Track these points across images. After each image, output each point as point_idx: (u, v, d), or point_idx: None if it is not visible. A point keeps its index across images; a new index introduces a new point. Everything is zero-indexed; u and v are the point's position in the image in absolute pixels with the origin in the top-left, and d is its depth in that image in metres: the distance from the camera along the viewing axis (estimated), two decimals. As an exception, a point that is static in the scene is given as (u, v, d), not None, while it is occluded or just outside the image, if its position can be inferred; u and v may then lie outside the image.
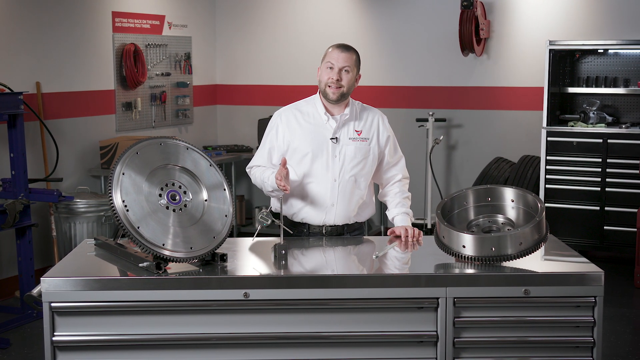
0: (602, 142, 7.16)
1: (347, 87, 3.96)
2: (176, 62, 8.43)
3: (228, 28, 9.07)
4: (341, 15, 8.59)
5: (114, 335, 3.23)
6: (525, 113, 7.99)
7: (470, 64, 8.12)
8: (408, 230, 3.91)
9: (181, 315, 3.24)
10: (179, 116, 8.50)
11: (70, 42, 7.09)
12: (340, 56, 3.95)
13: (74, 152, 7.17)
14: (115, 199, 3.22)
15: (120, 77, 7.64)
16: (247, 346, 3.26)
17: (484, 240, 3.38)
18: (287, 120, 4.07)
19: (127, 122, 7.79)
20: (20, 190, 5.86)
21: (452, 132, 8.30)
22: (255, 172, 4.10)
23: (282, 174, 3.79)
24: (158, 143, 3.42)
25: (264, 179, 3.99)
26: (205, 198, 3.42)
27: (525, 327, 3.31)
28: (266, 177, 3.98)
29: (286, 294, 3.24)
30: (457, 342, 3.28)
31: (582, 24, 7.71)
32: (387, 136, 4.12)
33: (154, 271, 3.22)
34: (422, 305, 3.27)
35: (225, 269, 3.34)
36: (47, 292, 3.18)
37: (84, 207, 6.56)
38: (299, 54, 8.80)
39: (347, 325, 3.27)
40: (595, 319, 3.27)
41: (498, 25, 8.01)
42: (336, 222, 4.04)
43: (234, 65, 9.13)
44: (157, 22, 8.12)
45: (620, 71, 7.55)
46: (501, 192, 3.63)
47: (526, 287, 3.24)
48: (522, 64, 7.96)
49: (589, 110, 7.41)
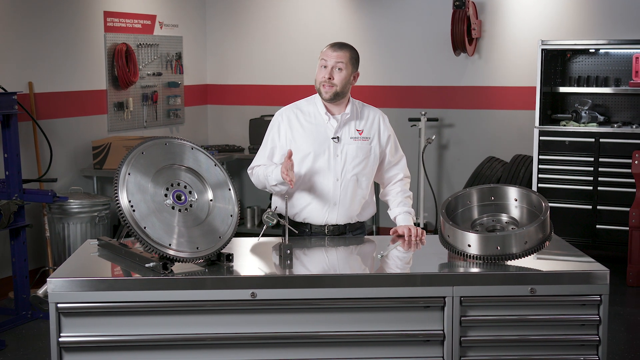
0: (594, 142, 7.19)
1: (340, 85, 3.94)
2: (167, 62, 8.40)
3: (218, 27, 9.05)
4: (333, 15, 8.59)
5: (120, 335, 3.22)
6: (516, 112, 8.02)
7: (462, 64, 8.14)
8: (411, 230, 3.92)
9: (188, 316, 3.23)
10: (171, 116, 8.48)
11: (63, 42, 7.06)
12: (333, 54, 3.93)
13: (66, 152, 7.13)
14: (121, 199, 3.21)
15: (112, 77, 7.61)
16: (255, 346, 3.26)
17: (489, 240, 3.39)
18: (288, 120, 4.06)
19: (119, 122, 7.75)
20: (15, 190, 5.82)
21: (444, 131, 8.32)
22: (257, 171, 4.08)
23: (287, 166, 3.78)
24: (163, 143, 3.41)
25: (268, 174, 3.97)
26: (211, 198, 3.41)
27: (531, 326, 3.32)
28: (270, 171, 3.96)
29: (293, 293, 3.23)
30: (464, 341, 3.29)
31: (573, 24, 7.75)
32: (388, 135, 4.12)
33: (161, 271, 3.21)
34: (429, 305, 3.28)
35: (231, 269, 3.33)
36: (54, 292, 3.16)
37: (78, 208, 6.54)
38: (290, 53, 8.80)
39: (354, 325, 3.28)
40: (601, 317, 3.29)
41: (489, 25, 8.04)
42: (338, 221, 4.04)
43: (225, 65, 9.11)
44: (148, 22, 8.10)
45: (611, 71, 7.60)
46: (505, 192, 3.64)
47: (532, 285, 3.26)
48: (513, 63, 7.99)
49: (580, 110, 7.45)
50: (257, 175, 4.08)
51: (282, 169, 3.81)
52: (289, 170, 3.78)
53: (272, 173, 3.94)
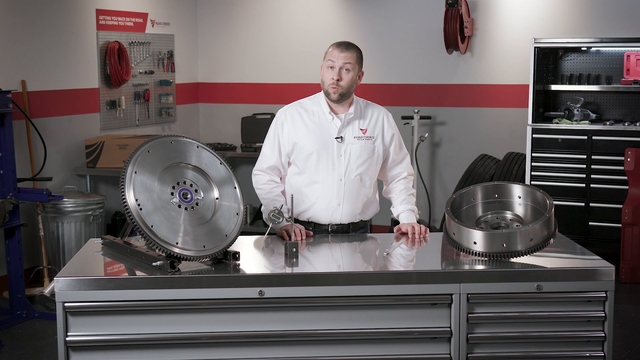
0: (587, 139, 7.23)
1: (347, 86, 3.93)
2: (159, 60, 8.37)
3: (210, 25, 9.03)
4: (325, 13, 8.59)
5: (127, 334, 3.22)
6: (509, 110, 8.05)
7: (455, 62, 8.16)
8: (415, 228, 3.92)
9: (195, 314, 3.23)
10: (162, 114, 8.45)
11: (55, 40, 7.02)
12: (340, 55, 3.93)
13: (59, 150, 7.09)
14: (128, 198, 3.20)
15: (104, 75, 7.58)
16: (264, 344, 3.26)
17: (494, 237, 3.41)
18: (292, 118, 4.04)
19: (112, 120, 7.72)
20: (9, 189, 5.79)
21: (437, 129, 8.34)
22: (263, 187, 4.08)
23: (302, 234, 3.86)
24: (169, 141, 3.40)
25: (269, 205, 4.01)
26: (217, 196, 3.40)
27: (537, 323, 3.35)
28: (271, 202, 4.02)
29: (301, 291, 3.24)
30: (471, 338, 3.30)
31: (564, 23, 7.78)
32: (392, 134, 4.12)
33: (168, 270, 3.20)
34: (436, 302, 3.29)
35: (238, 268, 3.33)
36: (60, 292, 3.15)
37: (72, 207, 6.51)
38: (281, 51, 8.79)
39: (362, 323, 3.29)
40: (607, 314, 3.32)
41: (481, 23, 8.06)
42: (342, 220, 4.04)
43: (217, 63, 9.08)
44: (140, 20, 8.06)
45: (603, 69, 7.64)
46: (509, 189, 3.66)
47: (539, 282, 3.28)
48: (505, 61, 8.01)
49: (573, 108, 7.49)
50: (261, 189, 4.09)
51: (297, 230, 3.83)
52: (299, 234, 3.84)
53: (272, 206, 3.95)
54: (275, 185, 4.08)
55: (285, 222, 3.77)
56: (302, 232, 3.86)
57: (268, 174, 4.09)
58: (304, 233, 3.86)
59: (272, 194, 4.04)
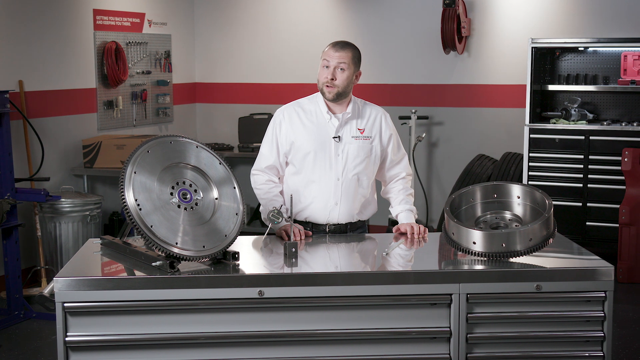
0: (584, 139, 7.24)
1: (342, 86, 3.93)
2: (156, 60, 8.37)
3: (207, 25, 9.02)
4: (322, 13, 8.59)
5: (127, 334, 3.21)
6: (506, 110, 8.06)
7: (452, 62, 8.17)
8: (414, 228, 3.93)
9: (195, 314, 3.22)
10: (160, 114, 8.44)
11: (52, 40, 7.01)
12: (335, 54, 3.92)
13: (56, 151, 7.08)
14: (127, 198, 3.20)
15: (101, 76, 7.57)
16: (263, 344, 3.26)
17: (494, 237, 3.41)
18: (289, 118, 4.04)
19: (109, 120, 7.71)
20: (7, 189, 5.78)
21: (434, 129, 8.35)
22: (261, 187, 4.08)
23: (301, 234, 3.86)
24: (168, 141, 3.39)
25: (267, 205, 4.02)
26: (216, 196, 3.40)
27: (536, 322, 3.35)
28: (270, 202, 4.02)
29: (300, 291, 3.24)
30: (470, 338, 3.30)
31: (562, 23, 7.79)
32: (390, 134, 4.12)
33: (168, 270, 3.20)
34: (436, 302, 3.29)
35: (237, 268, 3.33)
36: (60, 292, 3.14)
37: (69, 207, 6.50)
38: (279, 51, 8.78)
39: (361, 322, 3.29)
40: (606, 314, 3.33)
41: (478, 23, 8.07)
42: (340, 220, 4.04)
43: (214, 63, 9.08)
44: (137, 20, 8.06)
45: (600, 69, 7.65)
46: (508, 189, 3.66)
47: (538, 282, 3.28)
48: (502, 61, 8.02)
49: (570, 108, 7.50)
50: (259, 189, 4.09)
51: (296, 230, 3.84)
52: (298, 234, 3.85)
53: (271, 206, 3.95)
54: (274, 185, 4.08)
55: (284, 222, 3.77)
56: (302, 232, 3.86)
57: (266, 173, 4.09)
58: (303, 233, 3.87)
59: (270, 193, 4.04)
